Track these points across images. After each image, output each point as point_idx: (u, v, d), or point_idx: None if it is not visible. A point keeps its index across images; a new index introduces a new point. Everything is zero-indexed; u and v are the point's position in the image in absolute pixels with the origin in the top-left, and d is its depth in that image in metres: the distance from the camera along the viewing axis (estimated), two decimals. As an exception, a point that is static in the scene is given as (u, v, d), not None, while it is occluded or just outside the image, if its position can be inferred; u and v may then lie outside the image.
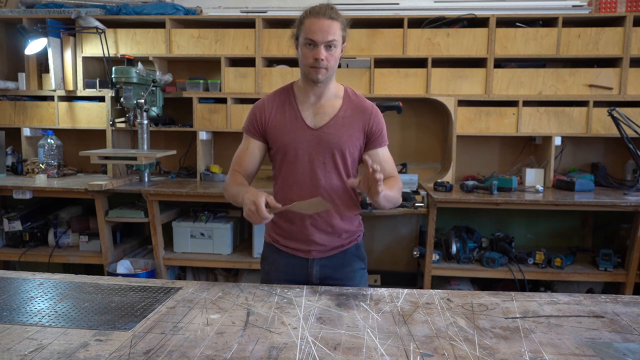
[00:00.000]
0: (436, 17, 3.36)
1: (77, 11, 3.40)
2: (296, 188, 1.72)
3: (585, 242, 3.60)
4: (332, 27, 1.60)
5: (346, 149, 1.72)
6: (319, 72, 1.63)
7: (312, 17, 1.61)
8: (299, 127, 1.71)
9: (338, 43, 1.63)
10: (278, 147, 1.73)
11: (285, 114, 1.72)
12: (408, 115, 3.62)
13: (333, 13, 1.62)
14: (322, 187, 1.71)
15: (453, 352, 1.14)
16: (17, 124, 3.63)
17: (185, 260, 3.31)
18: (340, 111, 1.72)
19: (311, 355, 1.12)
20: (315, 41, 1.60)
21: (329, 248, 1.77)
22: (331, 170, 1.72)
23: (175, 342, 1.18)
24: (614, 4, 3.33)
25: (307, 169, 1.71)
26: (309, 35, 1.60)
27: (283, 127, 1.71)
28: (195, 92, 3.53)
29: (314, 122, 1.71)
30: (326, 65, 1.62)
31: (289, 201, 1.62)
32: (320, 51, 1.60)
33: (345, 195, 1.76)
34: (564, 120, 3.34)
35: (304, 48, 1.64)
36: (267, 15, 3.45)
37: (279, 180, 1.77)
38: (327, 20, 1.60)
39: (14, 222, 3.37)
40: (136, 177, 3.42)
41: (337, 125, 1.71)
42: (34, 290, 1.52)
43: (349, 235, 1.80)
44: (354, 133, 1.72)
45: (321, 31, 1.59)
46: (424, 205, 3.07)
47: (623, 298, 1.50)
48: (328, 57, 1.62)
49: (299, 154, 1.71)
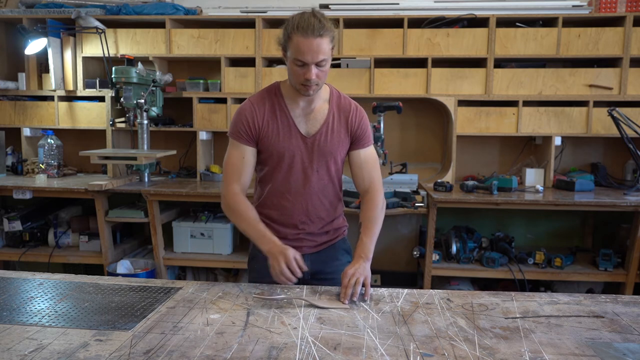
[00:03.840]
0: (436, 17, 3.36)
1: (77, 11, 3.40)
2: (288, 195, 1.74)
3: (585, 242, 3.60)
4: (321, 45, 1.54)
5: (338, 154, 1.75)
6: (309, 89, 1.61)
7: (300, 36, 1.53)
8: (293, 136, 1.70)
9: (328, 58, 1.59)
10: (270, 154, 1.72)
11: (277, 121, 1.70)
12: (408, 115, 3.62)
13: (322, 29, 1.53)
14: (315, 192, 1.75)
15: (453, 352, 1.14)
16: (17, 124, 3.63)
17: (185, 260, 3.31)
18: (329, 116, 1.73)
19: (311, 355, 1.12)
20: (305, 62, 1.56)
21: (318, 243, 1.82)
22: (324, 176, 1.75)
23: (175, 342, 1.18)
24: (614, 4, 3.33)
25: (300, 176, 1.73)
26: (298, 56, 1.55)
27: (277, 134, 1.70)
28: (195, 92, 3.53)
29: (307, 129, 1.71)
30: (317, 82, 1.60)
31: (280, 206, 1.74)
32: (310, 71, 1.56)
33: (335, 198, 1.82)
34: (564, 120, 3.34)
35: (293, 66, 1.59)
36: (267, 15, 3.45)
37: (268, 186, 1.76)
38: (316, 39, 1.53)
39: (14, 222, 3.37)
40: (136, 177, 3.42)
41: (327, 132, 1.72)
42: (34, 290, 1.51)
43: (335, 231, 1.86)
44: (343, 138, 1.74)
45: (311, 52, 1.54)
46: (424, 205, 3.07)
47: (623, 298, 1.50)
48: (319, 75, 1.59)
49: (294, 162, 1.71)
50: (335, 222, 1.84)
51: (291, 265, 1.54)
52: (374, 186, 1.77)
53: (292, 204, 1.74)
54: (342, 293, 1.47)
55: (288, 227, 1.77)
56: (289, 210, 1.75)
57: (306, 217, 1.76)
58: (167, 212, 3.36)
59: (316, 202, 1.76)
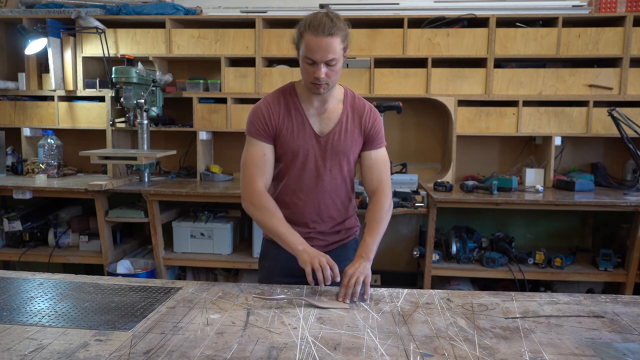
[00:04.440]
0: (436, 17, 3.36)
1: (77, 11, 3.40)
2: (300, 193, 1.76)
3: (585, 242, 3.60)
4: (331, 45, 1.56)
5: (350, 154, 1.76)
6: (320, 87, 1.63)
7: (311, 34, 1.55)
8: (307, 134, 1.72)
9: (339, 58, 1.60)
10: (285, 152, 1.74)
11: (292, 119, 1.73)
12: (408, 115, 3.62)
13: (333, 28, 1.55)
14: (327, 191, 1.76)
15: (453, 352, 1.14)
16: (17, 124, 3.63)
17: (185, 260, 3.31)
18: (343, 116, 1.74)
19: (311, 355, 1.12)
20: (315, 60, 1.58)
21: (329, 243, 1.82)
22: (336, 174, 1.76)
23: (175, 342, 1.18)
24: (614, 4, 3.33)
25: (313, 174, 1.74)
26: (309, 54, 1.57)
27: (291, 132, 1.72)
28: (195, 92, 3.53)
29: (321, 128, 1.73)
30: (327, 81, 1.61)
31: (292, 204, 1.74)
32: (320, 70, 1.58)
33: (346, 198, 1.82)
34: (564, 120, 3.34)
35: (304, 64, 1.62)
36: (267, 15, 3.45)
37: (281, 184, 1.79)
38: (326, 38, 1.55)
39: (14, 222, 3.37)
40: (136, 177, 3.42)
41: (341, 132, 1.73)
42: (34, 290, 1.51)
43: (347, 231, 1.85)
44: (356, 138, 1.75)
45: (320, 51, 1.56)
46: (424, 205, 3.07)
47: (623, 298, 1.50)
48: (329, 74, 1.60)
49: (307, 160, 1.73)
50: (347, 222, 1.84)
51: (326, 272, 1.52)
52: (382, 188, 1.76)
53: (304, 203, 1.75)
54: (340, 293, 1.47)
55: (299, 225, 1.76)
56: (301, 208, 1.76)
57: (317, 216, 1.77)
58: (167, 212, 3.36)
59: (328, 202, 1.76)
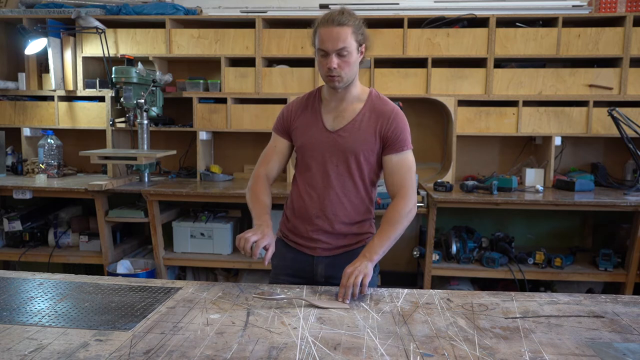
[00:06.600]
0: (436, 17, 3.36)
1: (77, 11, 3.40)
2: (309, 188, 1.75)
3: (585, 242, 3.60)
4: (341, 34, 1.58)
5: (360, 154, 1.71)
6: (334, 80, 1.64)
7: (323, 26, 1.60)
8: (317, 129, 1.73)
9: (351, 49, 1.61)
10: (297, 147, 1.78)
11: (307, 115, 1.76)
12: (408, 115, 3.51)
13: (343, 18, 1.59)
14: (334, 190, 1.73)
15: (453, 352, 1.14)
16: (17, 124, 3.63)
17: (185, 260, 3.31)
18: (359, 115, 1.72)
19: (311, 355, 1.12)
20: (326, 50, 1.60)
21: (334, 247, 1.77)
22: (344, 173, 1.72)
23: (175, 342, 1.18)
24: (614, 4, 3.33)
25: (320, 170, 1.74)
26: (320, 45, 1.61)
27: (304, 126, 1.75)
28: (195, 92, 3.53)
29: (332, 124, 1.73)
30: (339, 72, 1.62)
31: (301, 198, 1.76)
32: (332, 60, 1.60)
33: (358, 200, 1.76)
34: (564, 120, 3.34)
35: (318, 57, 1.65)
36: (267, 15, 3.45)
37: (296, 180, 1.82)
38: (336, 27, 1.58)
39: (14, 222, 3.37)
40: (136, 177, 3.42)
41: (353, 129, 1.71)
42: (34, 290, 1.51)
43: (356, 236, 1.79)
44: (369, 138, 1.71)
45: (331, 40, 1.58)
46: (424, 205, 3.07)
47: (623, 298, 1.50)
48: (341, 65, 1.61)
49: (314, 155, 1.73)
50: (355, 227, 1.77)
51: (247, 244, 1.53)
52: (402, 192, 1.71)
53: (310, 197, 1.75)
54: (340, 292, 1.47)
55: (305, 220, 1.76)
56: (307, 202, 1.75)
57: (321, 212, 1.73)
58: (167, 212, 3.36)
59: (333, 199, 1.73)
